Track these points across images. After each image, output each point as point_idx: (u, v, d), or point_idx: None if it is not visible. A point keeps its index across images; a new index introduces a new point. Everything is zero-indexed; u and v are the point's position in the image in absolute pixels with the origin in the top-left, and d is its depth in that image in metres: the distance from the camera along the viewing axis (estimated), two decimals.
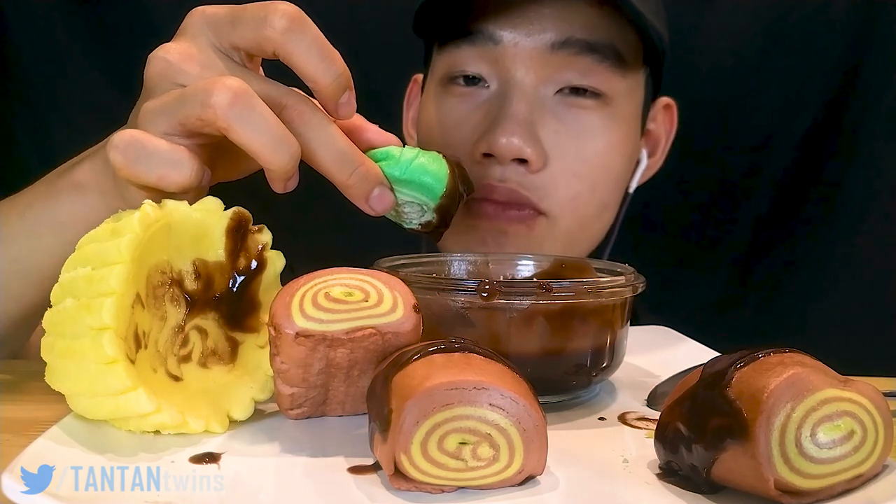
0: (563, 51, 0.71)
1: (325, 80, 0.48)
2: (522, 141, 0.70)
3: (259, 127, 0.45)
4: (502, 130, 0.70)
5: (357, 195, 0.50)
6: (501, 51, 0.72)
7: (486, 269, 0.60)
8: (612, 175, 0.76)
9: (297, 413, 0.45)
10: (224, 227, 0.47)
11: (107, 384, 0.40)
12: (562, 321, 0.48)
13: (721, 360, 0.39)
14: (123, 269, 0.41)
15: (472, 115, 0.74)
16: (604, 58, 0.72)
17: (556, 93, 0.73)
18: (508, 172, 0.71)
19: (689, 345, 0.64)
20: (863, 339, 1.04)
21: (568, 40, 0.71)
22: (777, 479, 0.35)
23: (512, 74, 0.72)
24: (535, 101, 0.72)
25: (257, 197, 0.65)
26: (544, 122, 0.72)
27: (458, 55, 0.75)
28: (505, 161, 0.71)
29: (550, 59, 0.72)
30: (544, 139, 0.72)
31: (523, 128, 0.70)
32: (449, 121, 0.76)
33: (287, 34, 0.47)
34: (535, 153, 0.71)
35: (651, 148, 0.85)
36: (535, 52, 0.72)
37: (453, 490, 0.37)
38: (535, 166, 0.71)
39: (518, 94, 0.72)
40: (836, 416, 0.36)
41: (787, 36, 1.07)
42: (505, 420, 0.37)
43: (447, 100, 0.76)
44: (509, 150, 0.70)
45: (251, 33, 0.48)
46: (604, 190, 0.76)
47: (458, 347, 0.39)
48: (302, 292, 0.42)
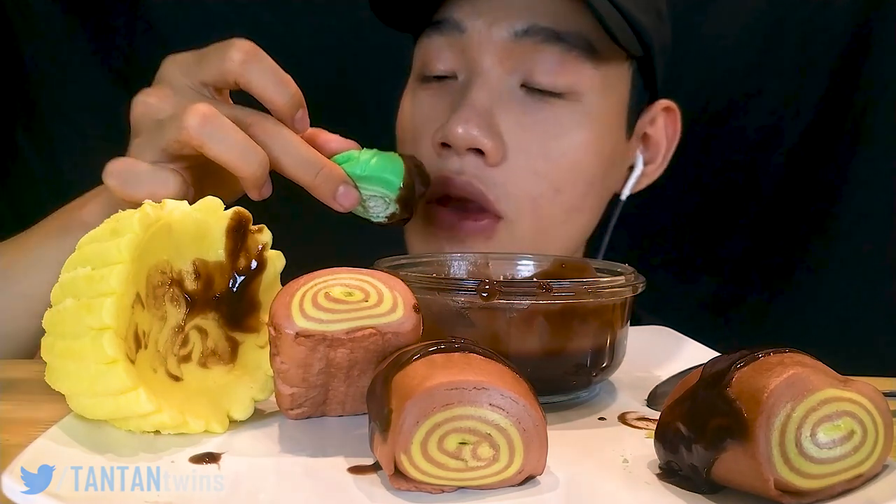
0: (526, 39, 0.69)
1: (281, 101, 0.56)
2: (479, 130, 0.68)
3: (228, 141, 0.53)
4: (458, 119, 0.68)
5: (324, 194, 0.58)
6: (467, 39, 0.71)
7: (486, 269, 0.60)
8: (582, 176, 0.73)
9: (297, 413, 0.45)
10: (224, 227, 0.47)
11: (107, 384, 0.40)
12: (562, 321, 0.48)
13: (721, 360, 0.39)
14: (123, 269, 0.41)
15: (439, 106, 0.72)
16: (571, 47, 0.69)
17: (523, 86, 0.71)
18: (466, 164, 0.69)
19: (689, 345, 0.64)
20: (863, 339, 1.04)
21: (531, 28, 0.69)
22: (777, 479, 0.35)
23: (477, 64, 0.70)
24: (498, 91, 0.70)
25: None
26: (507, 113, 0.70)
27: (429, 46, 0.73)
28: (461, 151, 0.69)
29: (514, 48, 0.69)
30: (506, 132, 0.70)
31: (481, 117, 0.68)
32: (420, 116, 0.75)
33: (244, 65, 0.55)
34: (493, 144, 0.68)
35: (651, 154, 0.81)
36: (498, 40, 0.69)
37: (453, 490, 0.37)
38: (492, 159, 0.69)
39: (480, 83, 0.70)
40: (836, 416, 0.36)
41: (787, 36, 1.07)
42: (505, 420, 0.37)
43: (420, 94, 0.75)
44: (464, 139, 0.67)
45: (215, 69, 0.56)
46: (571, 192, 0.72)
47: (458, 347, 0.39)
48: (302, 292, 0.42)
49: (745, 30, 1.07)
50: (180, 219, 0.45)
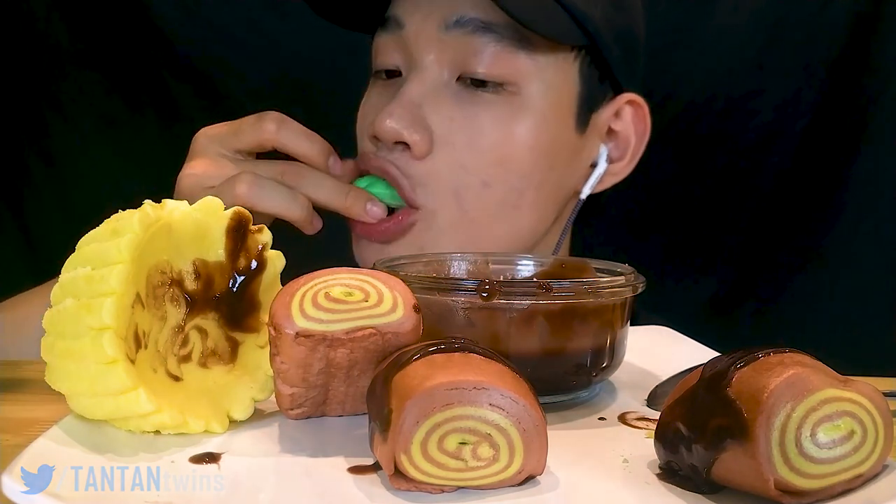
0: (456, 30, 0.69)
1: (314, 155, 0.68)
2: (404, 124, 0.68)
3: (273, 196, 0.64)
4: (385, 112, 0.69)
5: (357, 212, 0.69)
6: (406, 35, 0.72)
7: (486, 269, 0.60)
8: (515, 171, 0.71)
9: (297, 413, 0.45)
10: (224, 227, 0.47)
11: (107, 384, 0.40)
12: (562, 321, 0.48)
13: (721, 360, 0.39)
14: (123, 269, 0.41)
15: (381, 102, 0.73)
16: (502, 37, 0.68)
17: (460, 79, 0.71)
18: (393, 156, 0.70)
19: (689, 345, 0.64)
20: (863, 339, 1.04)
21: (461, 19, 0.69)
22: (777, 479, 0.35)
23: (416, 59, 0.71)
24: (432, 84, 0.70)
25: None
26: (439, 107, 0.70)
27: (378, 45, 0.75)
28: (388, 144, 0.70)
29: (447, 40, 0.70)
30: (435, 125, 0.70)
31: (408, 111, 0.69)
32: (367, 112, 0.76)
33: (279, 132, 0.67)
34: (418, 138, 0.69)
35: (620, 151, 0.78)
36: (430, 33, 0.70)
37: (453, 490, 0.37)
38: (416, 151, 0.69)
39: (415, 77, 0.71)
40: (836, 416, 0.36)
41: (788, 35, 1.06)
42: (505, 420, 0.37)
43: (371, 91, 0.77)
44: (389, 132, 0.69)
45: (253, 139, 0.67)
46: (502, 187, 0.71)
47: (458, 347, 0.39)
48: (302, 292, 0.42)
49: (745, 29, 1.07)
50: (180, 219, 0.45)
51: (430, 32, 0.70)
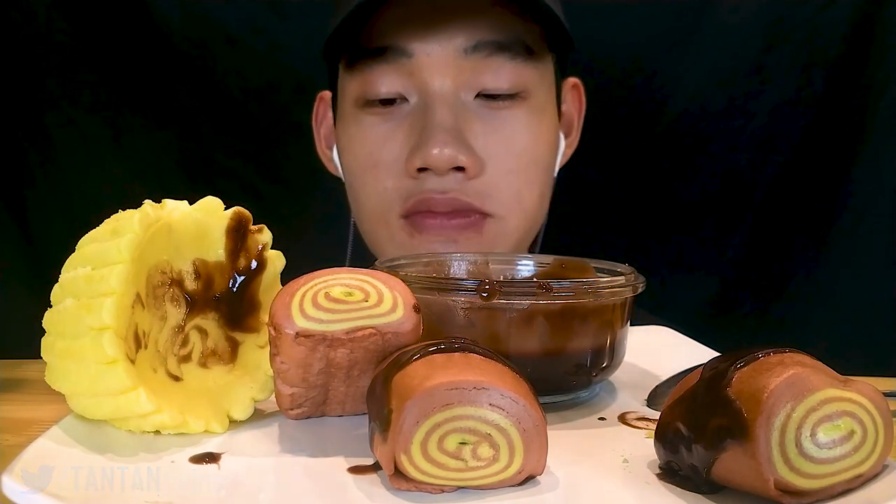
0: (475, 54, 0.73)
1: None
2: (455, 149, 0.71)
3: None
4: (434, 142, 0.71)
5: None
6: (416, 63, 0.73)
7: (486, 269, 0.60)
8: (542, 166, 0.78)
9: (297, 413, 0.45)
10: (224, 227, 0.47)
11: (107, 384, 0.40)
12: (562, 321, 0.48)
13: (721, 360, 0.39)
14: (123, 269, 0.41)
15: (397, 131, 0.74)
16: (515, 54, 0.74)
17: (476, 97, 0.74)
18: (448, 182, 0.72)
19: (689, 345, 0.64)
20: (863, 339, 1.04)
21: (478, 44, 0.72)
22: (777, 479, 0.35)
23: (430, 85, 0.73)
24: (457, 108, 0.73)
25: (257, 197, 0.66)
26: (471, 127, 0.73)
27: (371, 74, 0.75)
28: (442, 172, 0.72)
29: (464, 65, 0.73)
30: (475, 143, 0.73)
31: (453, 136, 0.71)
32: (373, 141, 0.76)
33: None
34: (471, 159, 0.72)
35: (566, 128, 0.86)
36: (448, 59, 0.73)
37: (453, 490, 0.37)
38: (472, 172, 0.72)
39: (440, 104, 0.73)
40: (836, 416, 0.36)
41: (787, 36, 1.07)
42: (505, 420, 0.37)
43: (367, 119, 0.76)
44: (444, 160, 0.71)
45: None
46: (539, 182, 0.78)
47: (458, 347, 0.39)
48: (302, 292, 0.42)
49: (745, 29, 1.07)
50: (180, 219, 0.45)
51: (448, 59, 0.73)
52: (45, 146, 1.10)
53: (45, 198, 1.10)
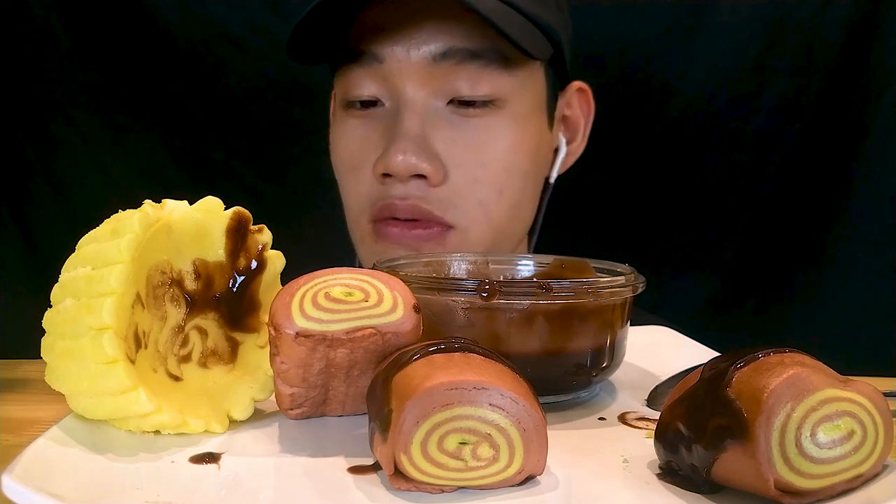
0: (445, 61, 0.72)
1: None
2: (417, 157, 0.71)
3: None
4: (395, 149, 0.71)
5: None
6: (387, 69, 0.73)
7: (486, 269, 0.60)
8: (519, 175, 0.77)
9: (297, 413, 0.45)
10: (224, 227, 0.47)
11: (107, 384, 0.40)
12: (562, 321, 0.48)
13: (721, 360, 0.39)
14: (123, 269, 0.41)
15: (373, 134, 0.75)
16: (489, 62, 0.73)
17: (448, 104, 0.74)
18: (410, 189, 0.73)
19: (689, 345, 0.64)
20: (863, 339, 1.04)
21: (449, 51, 0.72)
22: (777, 479, 0.35)
23: (401, 91, 0.73)
24: (426, 114, 0.73)
25: (257, 197, 0.66)
26: (439, 134, 0.73)
27: (350, 77, 0.76)
28: (403, 178, 0.72)
29: (435, 71, 0.73)
30: (442, 151, 0.73)
31: (416, 144, 0.71)
32: (353, 144, 0.77)
33: None
34: (432, 167, 0.72)
35: (571, 133, 0.86)
36: (419, 66, 0.72)
37: (453, 490, 0.37)
38: (434, 180, 0.72)
39: (409, 110, 0.73)
40: (836, 416, 0.36)
41: (788, 36, 1.07)
42: (505, 420, 0.37)
43: (349, 122, 0.78)
44: (405, 167, 0.71)
45: None
46: (512, 192, 0.76)
47: (458, 347, 0.39)
48: (302, 292, 0.42)
49: (745, 29, 1.07)
50: (180, 219, 0.45)
51: (418, 66, 0.73)
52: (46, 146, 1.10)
53: (44, 198, 1.10)
